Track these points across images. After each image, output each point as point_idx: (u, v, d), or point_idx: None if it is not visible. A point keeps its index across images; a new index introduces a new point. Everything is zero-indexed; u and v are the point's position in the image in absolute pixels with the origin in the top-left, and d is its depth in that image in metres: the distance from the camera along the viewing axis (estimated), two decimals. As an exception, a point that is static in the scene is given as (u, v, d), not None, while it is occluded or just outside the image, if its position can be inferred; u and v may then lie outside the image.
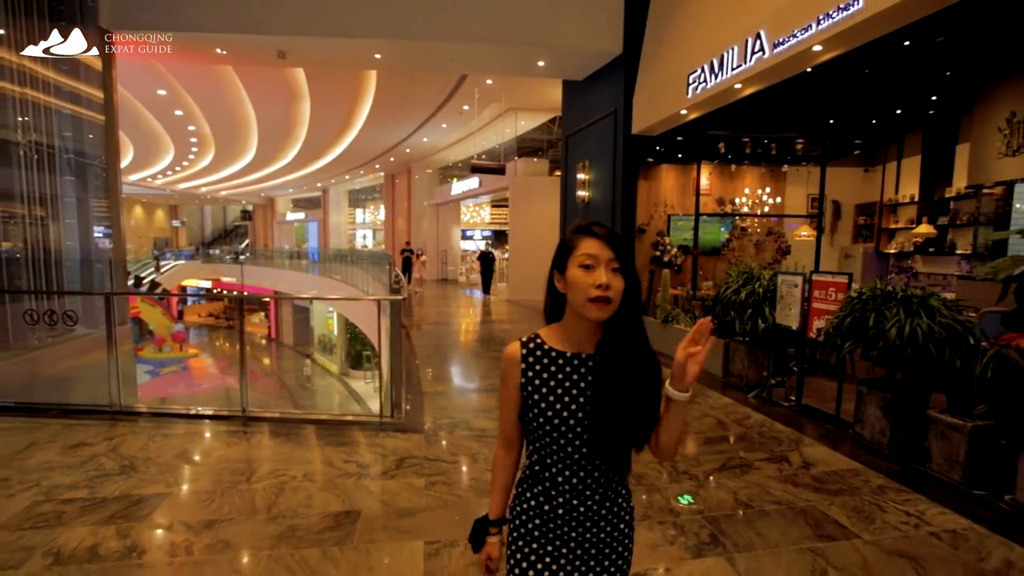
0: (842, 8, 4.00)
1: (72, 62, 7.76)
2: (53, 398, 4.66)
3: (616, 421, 1.09)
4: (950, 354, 3.35)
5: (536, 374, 1.14)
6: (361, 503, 2.92)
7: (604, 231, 1.11)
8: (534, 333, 1.19)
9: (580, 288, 1.07)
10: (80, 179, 7.96)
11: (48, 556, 2.36)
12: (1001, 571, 2.37)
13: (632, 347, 1.11)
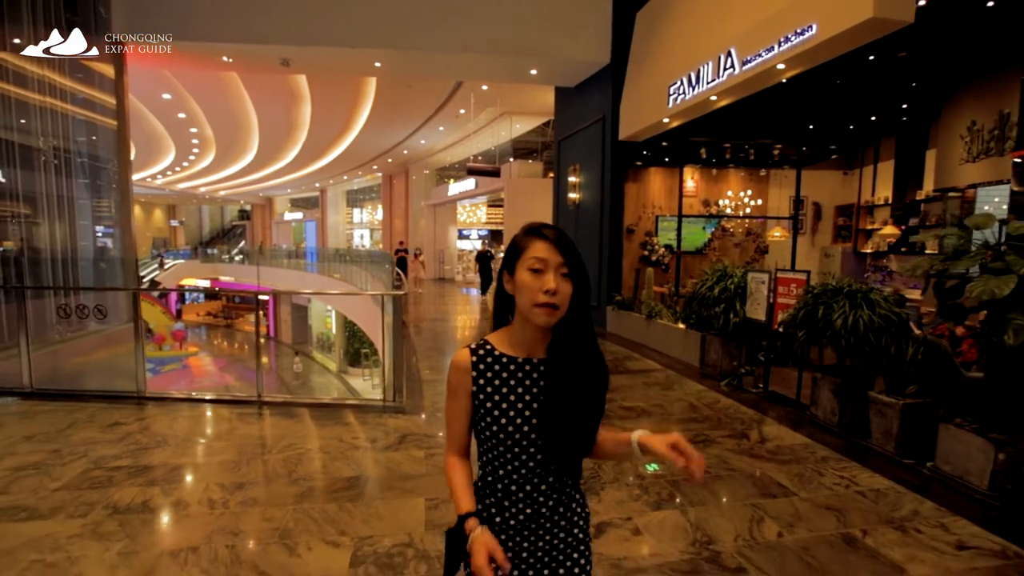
0: (799, 32, 4.46)
1: (87, 70, 8.17)
2: (78, 386, 5.09)
3: (569, 426, 1.08)
4: (886, 341, 3.81)
5: (488, 381, 1.11)
6: (369, 470, 3.36)
7: (554, 234, 1.08)
8: (482, 339, 1.16)
9: (528, 292, 1.05)
10: (94, 182, 8.36)
11: (108, 508, 2.79)
12: (907, 518, 2.82)
13: (582, 351, 1.10)
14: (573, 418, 1.08)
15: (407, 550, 2.46)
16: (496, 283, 1.15)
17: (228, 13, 7.94)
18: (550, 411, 1.08)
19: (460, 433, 1.16)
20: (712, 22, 5.93)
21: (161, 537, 2.56)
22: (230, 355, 26.76)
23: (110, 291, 7.97)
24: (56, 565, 2.31)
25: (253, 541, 2.52)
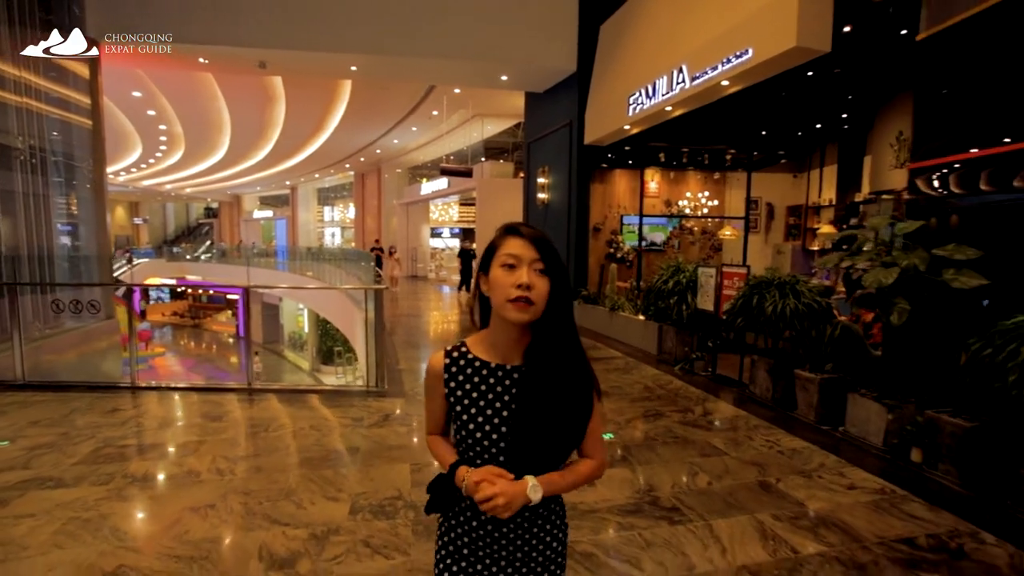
0: (738, 55, 5.04)
1: (61, 70, 8.25)
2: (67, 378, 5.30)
3: (538, 439, 1.04)
4: (808, 325, 4.42)
5: (459, 385, 1.09)
6: (359, 443, 3.78)
7: (530, 231, 1.05)
8: (460, 341, 1.14)
9: (500, 288, 1.01)
10: (69, 180, 8.44)
11: (126, 478, 3.14)
12: (814, 469, 3.40)
13: (561, 357, 1.05)
14: (545, 430, 1.03)
15: (397, 502, 2.90)
16: (474, 286, 1.13)
17: (205, 15, 8.11)
18: (520, 422, 1.03)
19: (438, 423, 1.17)
20: (666, 39, 6.50)
21: (180, 498, 2.92)
22: (198, 355, 26.41)
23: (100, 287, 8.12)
24: (91, 520, 2.66)
25: (263, 499, 2.91)
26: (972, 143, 3.57)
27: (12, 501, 2.83)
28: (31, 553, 2.38)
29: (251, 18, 8.19)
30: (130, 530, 2.61)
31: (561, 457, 1.09)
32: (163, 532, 2.57)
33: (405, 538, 2.55)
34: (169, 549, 2.42)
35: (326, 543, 2.49)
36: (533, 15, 8.65)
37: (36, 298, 7.05)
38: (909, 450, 3.50)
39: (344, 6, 8.17)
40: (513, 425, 1.05)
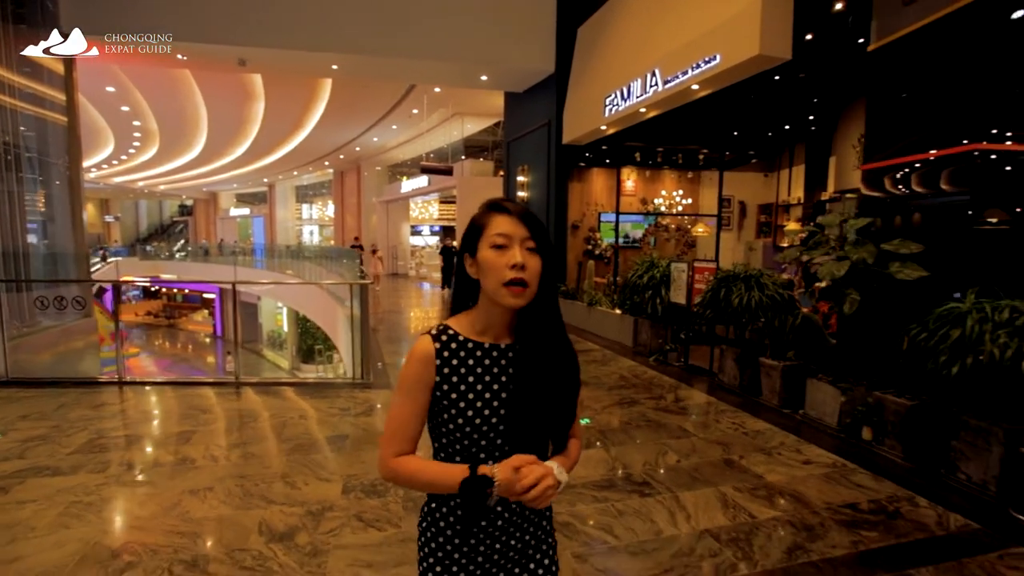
0: (707, 61, 5.32)
1: (35, 66, 8.16)
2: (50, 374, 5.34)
3: (540, 416, 1.02)
4: (772, 316, 4.72)
5: (453, 370, 1.02)
6: (347, 430, 3.94)
7: (516, 207, 1.02)
8: (442, 324, 1.07)
9: (493, 271, 0.97)
10: (44, 178, 8.36)
11: (123, 465, 3.25)
12: (775, 447, 3.69)
13: (551, 334, 1.04)
14: (545, 407, 1.02)
15: (387, 483, 3.08)
16: (456, 266, 1.08)
17: (184, 11, 8.07)
18: (521, 400, 1.01)
19: (412, 437, 1.03)
20: (641, 43, 6.76)
21: (178, 482, 3.06)
22: (173, 355, 26.01)
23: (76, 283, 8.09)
24: (93, 504, 2.79)
25: (258, 481, 3.06)
26: (913, 148, 3.88)
27: (12, 488, 2.93)
28: (38, 533, 2.50)
29: (231, 15, 8.19)
30: (132, 511, 2.74)
31: (561, 433, 1.08)
32: (165, 513, 2.71)
33: (396, 512, 2.74)
34: (172, 527, 2.57)
35: (321, 518, 2.66)
36: (512, 17, 8.84)
37: (13, 296, 7.01)
38: (860, 429, 3.81)
39: (325, 6, 8.24)
40: (513, 405, 1.01)
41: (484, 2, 8.67)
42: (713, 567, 2.33)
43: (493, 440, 1.01)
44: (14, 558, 2.30)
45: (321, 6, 8.25)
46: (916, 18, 3.81)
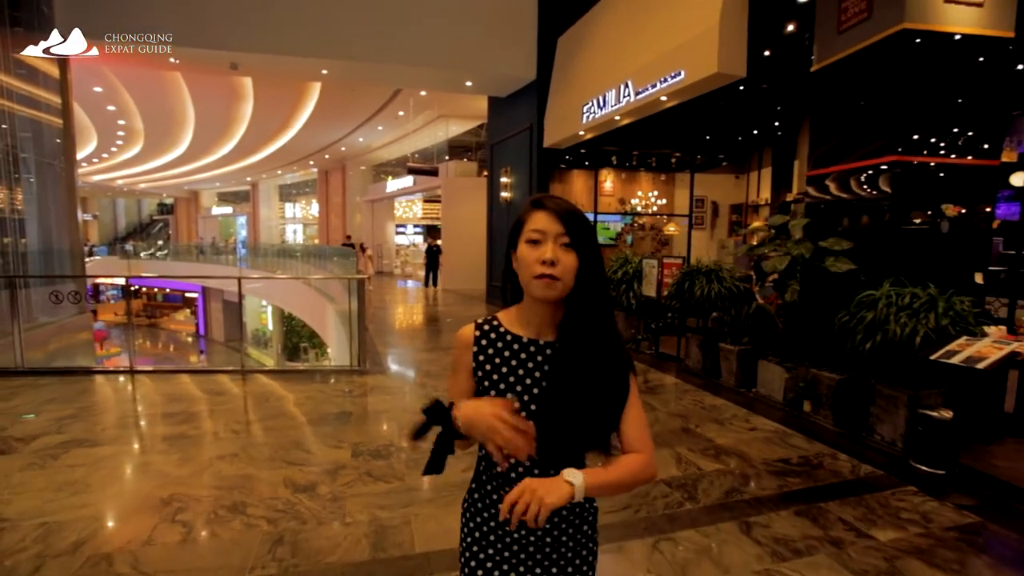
0: (672, 76, 5.87)
1: (31, 69, 8.39)
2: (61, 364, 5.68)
3: (570, 418, 0.99)
4: (729, 305, 5.29)
5: (488, 358, 1.05)
6: (350, 408, 4.39)
7: (556, 203, 1.02)
8: (491, 315, 1.10)
9: (525, 264, 1.00)
10: (41, 179, 8.60)
11: (154, 438, 3.67)
12: (727, 419, 4.24)
13: (595, 332, 1.01)
14: (577, 408, 0.99)
15: (390, 447, 3.55)
16: (505, 262, 1.10)
17: (177, 16, 8.35)
18: (552, 398, 1.00)
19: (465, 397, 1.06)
20: (615, 56, 7.29)
21: (206, 450, 3.48)
22: (155, 355, 25.96)
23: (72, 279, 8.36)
24: (137, 467, 3.21)
25: (277, 448, 3.51)
26: (847, 159, 4.47)
27: (60, 456, 3.33)
28: (95, 489, 2.92)
29: (224, 20, 8.49)
30: (172, 472, 3.17)
31: (595, 443, 1.02)
32: (200, 472, 3.15)
33: (400, 470, 3.21)
34: (209, 483, 3.01)
35: (337, 475, 3.12)
36: (496, 26, 9.31)
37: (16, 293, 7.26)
38: (801, 402, 4.39)
39: (316, 12, 8.61)
40: (544, 402, 1.01)
41: (470, 11, 9.12)
42: (664, 504, 2.86)
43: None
44: (83, 505, 2.73)
45: (313, 13, 8.61)
46: (847, 45, 4.38)
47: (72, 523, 2.56)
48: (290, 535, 2.48)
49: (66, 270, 8.86)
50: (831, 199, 4.62)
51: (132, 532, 2.49)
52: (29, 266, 7.93)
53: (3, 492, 2.83)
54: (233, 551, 2.35)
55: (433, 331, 8.72)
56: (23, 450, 3.39)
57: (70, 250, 9.02)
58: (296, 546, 2.40)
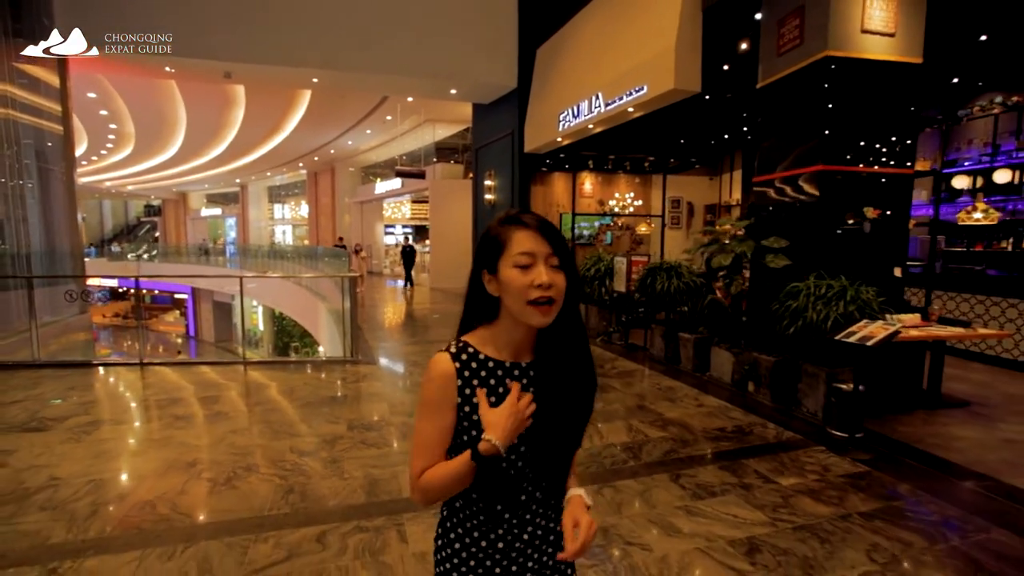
0: (636, 90, 6.44)
1: (32, 78, 8.77)
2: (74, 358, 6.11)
3: (561, 435, 1.01)
4: (687, 298, 5.87)
5: (474, 390, 0.99)
6: (346, 392, 4.91)
7: (537, 221, 0.99)
8: (460, 341, 1.03)
9: (518, 291, 0.95)
10: (45, 183, 8.98)
11: (173, 417, 4.16)
12: (679, 397, 4.82)
13: (573, 352, 1.01)
14: (565, 426, 1.01)
15: (381, 422, 4.08)
16: (471, 283, 1.05)
17: (173, 27, 8.73)
18: (542, 420, 0.99)
19: (439, 453, 1.00)
20: (588, 68, 7.85)
21: (219, 426, 3.98)
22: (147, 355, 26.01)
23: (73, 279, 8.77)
24: (160, 440, 3.70)
25: (282, 423, 4.01)
26: (781, 165, 5.06)
27: (92, 432, 3.81)
28: (127, 456, 3.42)
29: (218, 32, 8.92)
30: (191, 443, 3.67)
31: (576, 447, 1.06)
32: (216, 443, 3.65)
33: (389, 440, 3.74)
34: (226, 451, 3.51)
35: (335, 444, 3.64)
36: (479, 37, 9.83)
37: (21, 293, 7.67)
38: (746, 383, 4.98)
39: (307, 24, 9.07)
40: (535, 425, 0.99)
41: (454, 23, 9.63)
42: (611, 462, 3.42)
43: (514, 462, 0.99)
44: (121, 468, 3.23)
45: (304, 25, 9.07)
46: (784, 67, 4.97)
47: (114, 481, 3.06)
48: (298, 487, 3.00)
49: (67, 271, 9.25)
50: (772, 202, 5.21)
51: (167, 486, 3.00)
52: (34, 268, 8.32)
53: (51, 459, 3.32)
54: (253, 498, 2.86)
55: (421, 327, 9.24)
56: (58, 428, 3.86)
57: (71, 252, 9.41)
58: (304, 494, 2.92)
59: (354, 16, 9.19)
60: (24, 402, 4.46)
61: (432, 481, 0.97)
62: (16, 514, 2.67)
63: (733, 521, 2.68)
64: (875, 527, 2.63)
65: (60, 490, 2.92)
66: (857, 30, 4.59)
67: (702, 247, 5.45)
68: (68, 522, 2.60)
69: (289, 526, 2.59)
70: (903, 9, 4.66)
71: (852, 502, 2.88)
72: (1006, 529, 2.61)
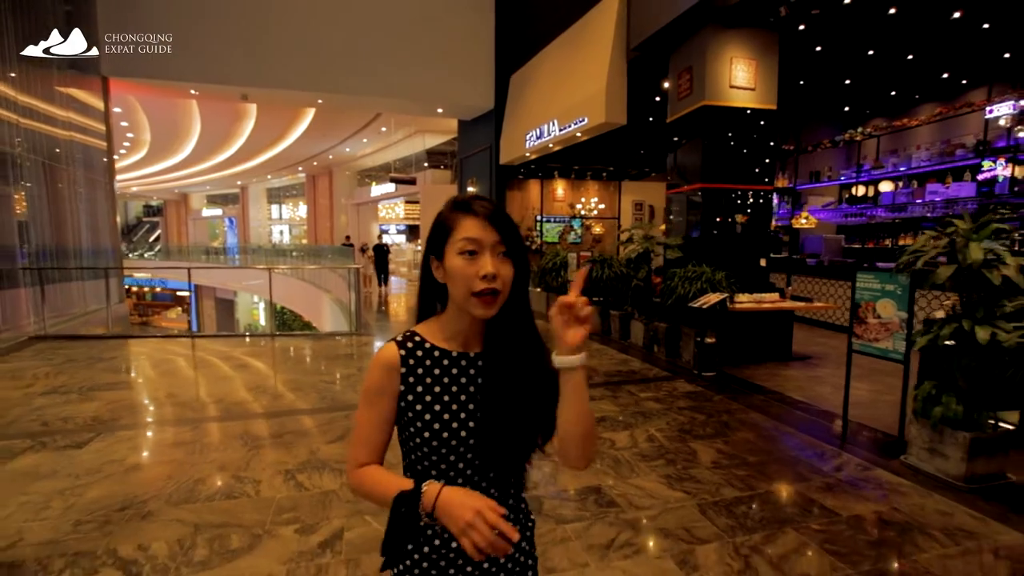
0: (579, 120, 8.14)
1: (81, 103, 10.36)
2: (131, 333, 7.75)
3: (510, 426, 0.96)
4: (617, 284, 7.59)
5: (418, 379, 0.97)
6: (353, 352, 6.59)
7: (486, 207, 0.96)
8: (409, 331, 1.02)
9: (462, 280, 0.93)
10: (92, 192, 10.58)
11: (235, 364, 5.82)
12: (600, 355, 6.52)
13: (522, 341, 1.00)
14: (515, 418, 0.96)
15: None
16: (422, 269, 1.03)
17: (198, 58, 10.34)
18: (489, 411, 0.96)
19: (375, 449, 0.98)
20: (547, 99, 9.54)
21: (267, 373, 5.64)
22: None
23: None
24: (238, 375, 5.36)
25: (311, 370, 5.69)
26: (684, 183, 6.77)
27: (199, 369, 5.46)
28: (201, 384, 5.09)
29: (236, 61, 10.51)
30: (253, 380, 5.32)
31: (530, 450, 1.01)
32: (271, 379, 5.32)
33: (387, 377, 5.43)
34: (281, 381, 5.18)
35: (350, 379, 5.32)
36: (461, 65, 11.50)
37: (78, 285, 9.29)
38: (652, 346, 6.70)
39: (313, 54, 10.70)
40: (483, 417, 0.97)
41: (439, 53, 11.29)
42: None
43: (463, 455, 0.97)
44: (229, 384, 4.90)
45: (310, 55, 10.70)
46: (681, 109, 6.68)
47: (232, 391, 4.73)
48: (328, 396, 4.70)
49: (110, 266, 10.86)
50: (677, 209, 6.93)
51: (251, 397, 4.67)
52: (83, 263, 9.93)
53: (171, 381, 4.99)
54: (304, 401, 4.55)
55: (411, 311, 10.91)
56: (172, 368, 5.53)
57: (112, 249, 11.02)
58: (334, 399, 4.61)
59: (354, 47, 10.83)
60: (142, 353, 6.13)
61: (364, 486, 0.96)
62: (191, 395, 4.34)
63: (597, 410, 4.38)
64: (683, 413, 4.34)
65: (184, 394, 4.61)
66: (727, 85, 6.31)
67: (621, 243, 7.17)
68: (217, 405, 4.29)
69: (325, 411, 4.27)
70: (761, 70, 6.39)
71: (678, 404, 4.60)
72: (759, 412, 4.34)
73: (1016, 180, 6.49)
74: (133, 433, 3.82)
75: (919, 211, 7.50)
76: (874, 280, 3.65)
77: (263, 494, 2.88)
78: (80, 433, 3.74)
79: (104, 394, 4.64)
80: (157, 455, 3.47)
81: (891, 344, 3.54)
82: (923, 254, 3.12)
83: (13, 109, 7.99)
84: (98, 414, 4.13)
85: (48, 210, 9.23)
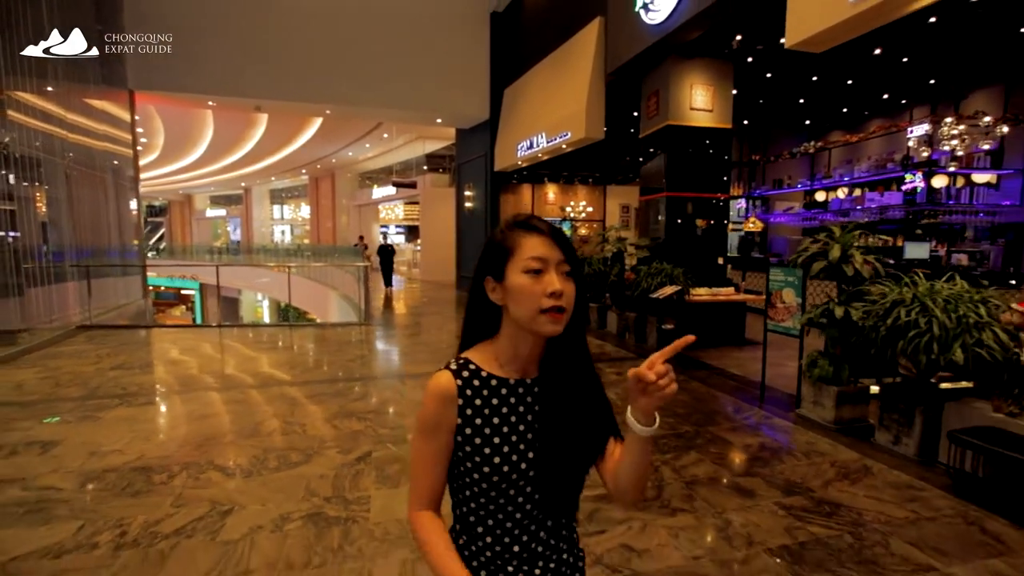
0: (563, 135, 9.13)
1: (111, 116, 11.30)
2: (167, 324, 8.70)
3: (570, 454, 0.94)
4: (595, 280, 8.58)
5: (476, 411, 0.94)
6: (361, 338, 7.58)
7: (548, 226, 0.95)
8: (461, 357, 0.98)
9: (528, 298, 0.90)
10: (121, 197, 11.54)
11: (263, 347, 6.81)
12: (611, 354, 7.48)
13: (579, 362, 0.98)
14: (574, 446, 0.94)
15: (388, 349, 6.75)
16: (472, 293, 0.99)
17: (218, 73, 11.29)
18: (549, 440, 0.94)
19: (436, 483, 0.96)
20: (536, 112, 10.53)
21: (290, 352, 6.61)
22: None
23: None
24: (266, 356, 6.34)
25: (328, 352, 6.67)
26: (653, 192, 7.77)
27: (226, 350, 6.44)
28: (234, 362, 6.07)
29: (251, 75, 11.45)
30: (281, 358, 6.30)
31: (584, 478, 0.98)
32: (295, 359, 6.30)
33: (393, 357, 6.41)
34: (299, 364, 6.16)
35: (363, 359, 6.30)
36: (459, 78, 12.48)
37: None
38: (625, 334, 7.70)
39: (322, 69, 11.65)
40: (543, 447, 0.94)
41: (439, 67, 12.26)
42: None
43: (523, 488, 0.94)
44: (238, 367, 5.89)
45: (319, 70, 11.66)
46: (650, 127, 7.68)
47: (270, 367, 5.71)
48: (345, 371, 5.68)
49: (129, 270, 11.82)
50: (648, 214, 7.94)
51: (285, 371, 5.65)
52: (114, 262, 10.89)
53: (212, 360, 5.97)
54: (326, 375, 5.53)
55: (414, 306, 11.87)
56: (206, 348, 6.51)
57: (137, 249, 11.99)
58: (352, 372, 5.59)
59: (361, 63, 11.80)
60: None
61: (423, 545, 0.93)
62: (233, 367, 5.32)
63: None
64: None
65: (200, 371, 5.59)
66: (688, 107, 7.31)
67: (598, 244, 8.17)
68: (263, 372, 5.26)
69: (346, 380, 5.25)
70: (717, 94, 7.38)
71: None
72: (699, 383, 5.33)
73: (933, 190, 7.51)
74: (195, 395, 4.79)
75: (860, 216, 8.51)
76: (781, 273, 4.64)
77: (309, 432, 3.86)
78: (153, 395, 4.73)
79: (161, 368, 5.63)
80: (219, 409, 4.45)
81: (793, 323, 4.53)
82: (807, 252, 4.13)
83: (61, 125, 8.96)
84: (162, 382, 5.11)
85: (87, 213, 10.20)
